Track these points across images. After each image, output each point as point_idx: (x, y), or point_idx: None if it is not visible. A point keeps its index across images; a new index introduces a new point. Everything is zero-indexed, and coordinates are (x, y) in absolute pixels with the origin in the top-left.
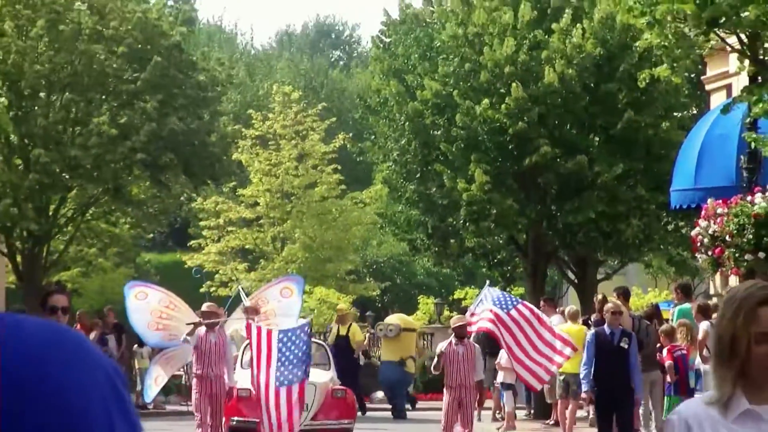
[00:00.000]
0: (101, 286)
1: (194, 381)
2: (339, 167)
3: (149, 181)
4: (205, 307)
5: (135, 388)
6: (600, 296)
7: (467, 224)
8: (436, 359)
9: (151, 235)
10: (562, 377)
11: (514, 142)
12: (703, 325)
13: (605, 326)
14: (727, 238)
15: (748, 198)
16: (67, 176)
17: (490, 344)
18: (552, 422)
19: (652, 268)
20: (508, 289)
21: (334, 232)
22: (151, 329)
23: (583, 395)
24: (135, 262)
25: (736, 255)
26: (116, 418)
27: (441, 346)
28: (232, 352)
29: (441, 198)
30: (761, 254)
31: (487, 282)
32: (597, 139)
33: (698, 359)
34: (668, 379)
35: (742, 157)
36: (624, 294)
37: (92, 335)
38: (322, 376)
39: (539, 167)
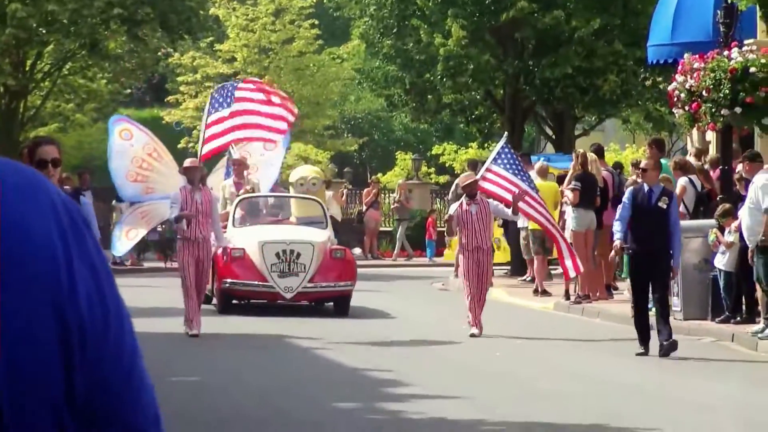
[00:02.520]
0: (79, 141)
1: (179, 243)
2: (316, 22)
3: (126, 36)
4: (187, 162)
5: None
6: (580, 152)
7: (444, 80)
8: (448, 224)
9: (129, 90)
10: (537, 234)
11: None
12: (682, 181)
13: (643, 183)
14: (703, 93)
15: (725, 53)
16: (43, 31)
17: None
18: (528, 278)
19: (630, 124)
20: (486, 144)
21: (312, 87)
22: (130, 180)
23: (616, 243)
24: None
25: (713, 110)
26: (74, 255)
27: (452, 208)
28: (218, 210)
29: (418, 53)
30: (737, 109)
31: (505, 134)
32: None
33: None
34: None
35: (718, 11)
36: (597, 151)
37: (66, 188)
38: (320, 235)
39: (516, 22)
